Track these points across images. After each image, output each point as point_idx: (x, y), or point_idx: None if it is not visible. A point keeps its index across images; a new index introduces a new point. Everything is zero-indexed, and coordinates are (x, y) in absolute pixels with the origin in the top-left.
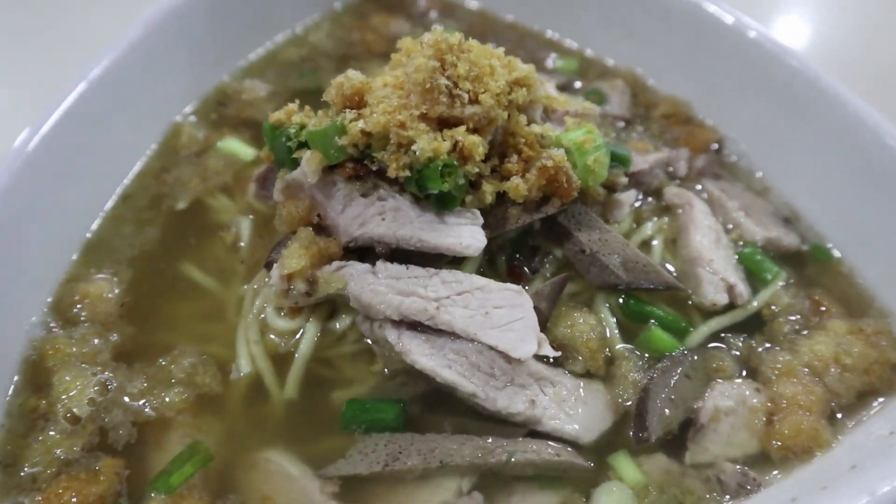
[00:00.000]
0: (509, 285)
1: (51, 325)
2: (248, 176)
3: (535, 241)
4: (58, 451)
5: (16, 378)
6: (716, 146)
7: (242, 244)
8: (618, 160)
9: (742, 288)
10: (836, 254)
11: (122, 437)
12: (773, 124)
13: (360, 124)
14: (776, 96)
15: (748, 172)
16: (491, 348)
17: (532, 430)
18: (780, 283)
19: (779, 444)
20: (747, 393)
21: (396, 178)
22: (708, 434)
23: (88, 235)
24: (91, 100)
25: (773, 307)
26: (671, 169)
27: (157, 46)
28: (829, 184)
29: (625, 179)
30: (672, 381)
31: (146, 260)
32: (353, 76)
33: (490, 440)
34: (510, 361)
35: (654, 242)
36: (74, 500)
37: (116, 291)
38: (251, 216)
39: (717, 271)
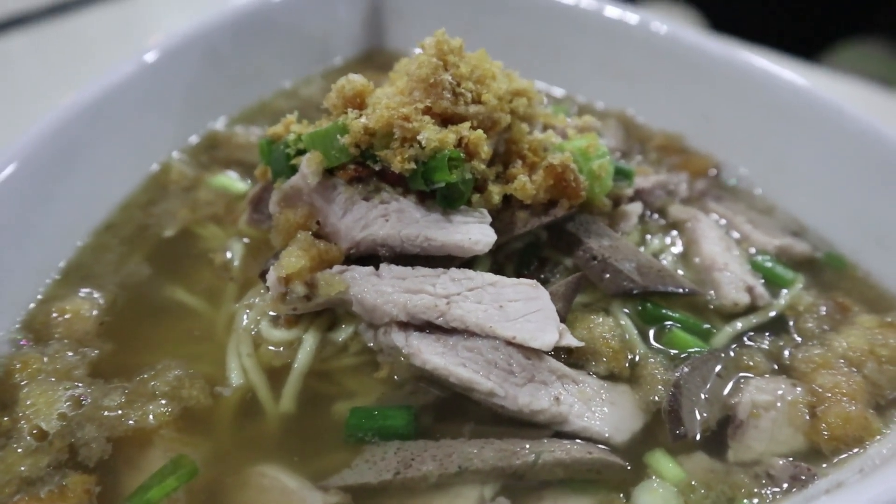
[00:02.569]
0: (523, 280)
1: (20, 341)
2: (241, 207)
3: (543, 253)
4: (20, 469)
5: None
6: (714, 171)
7: (235, 263)
8: (622, 174)
9: (761, 289)
10: (850, 259)
11: (95, 452)
12: (769, 143)
13: (363, 120)
14: (769, 115)
15: (749, 194)
16: (508, 344)
17: (557, 433)
18: (799, 286)
19: (828, 434)
20: (784, 387)
21: (400, 176)
22: (749, 431)
23: (68, 260)
24: (76, 128)
25: (796, 308)
26: (672, 188)
27: (150, 86)
28: (832, 191)
29: (630, 191)
30: (703, 379)
31: (129, 283)
32: (355, 78)
33: (513, 442)
34: (529, 357)
35: (665, 256)
36: None
37: (96, 312)
38: (245, 240)
39: (734, 272)
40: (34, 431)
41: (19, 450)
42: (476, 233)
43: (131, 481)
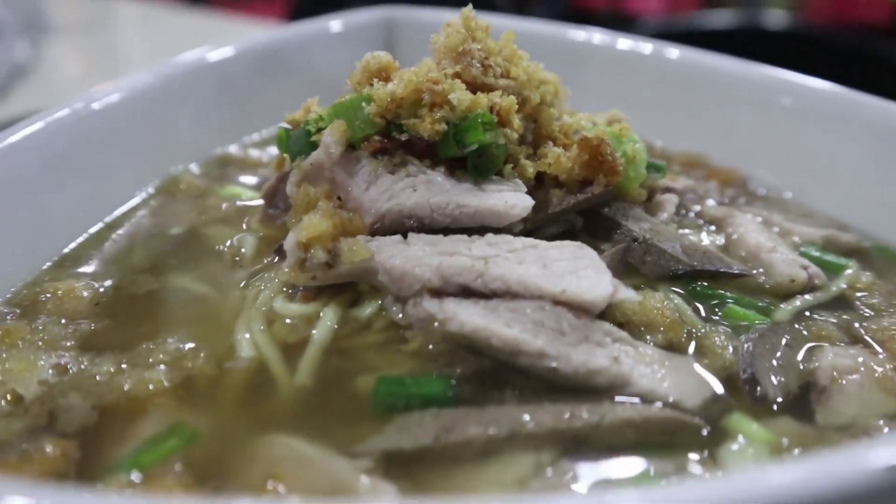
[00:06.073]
0: (567, 241)
1: (7, 314)
2: (252, 211)
3: (579, 240)
4: None
5: None
6: (741, 183)
7: (244, 251)
8: (653, 167)
9: (816, 269)
10: None
11: (77, 419)
12: (794, 149)
13: (390, 87)
14: (790, 121)
15: (781, 200)
16: (556, 303)
17: (618, 398)
18: (853, 270)
19: None
20: (864, 354)
21: (428, 148)
22: (834, 395)
23: (65, 250)
24: (89, 125)
25: (856, 286)
26: (702, 193)
27: (165, 100)
28: (867, 186)
29: (664, 182)
30: (772, 347)
31: (130, 270)
32: (380, 54)
33: (570, 406)
34: (580, 317)
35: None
36: None
37: (90, 293)
38: (259, 234)
39: (785, 253)
40: (8, 396)
41: None
42: (512, 198)
43: (119, 452)
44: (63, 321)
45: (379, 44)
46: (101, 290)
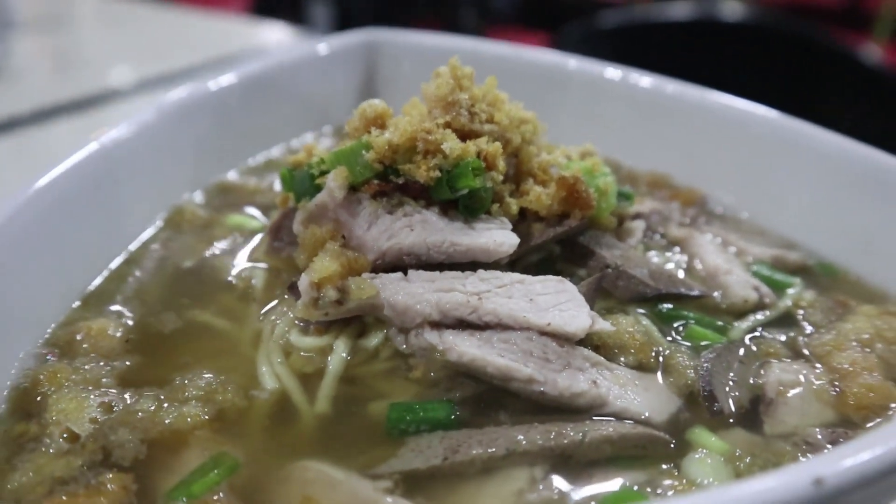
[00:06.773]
0: (549, 276)
1: (47, 356)
2: (259, 241)
3: (557, 266)
4: (52, 469)
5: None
6: (702, 202)
7: (256, 284)
8: (622, 195)
9: (766, 289)
10: (841, 267)
11: (130, 452)
12: (750, 172)
13: (387, 135)
14: (747, 147)
15: (737, 219)
16: (542, 334)
17: (597, 416)
18: (798, 288)
19: (854, 402)
20: (806, 368)
21: (422, 190)
22: (779, 407)
23: (90, 288)
24: (102, 166)
25: (800, 304)
26: (667, 214)
27: (166, 134)
28: (815, 209)
29: (632, 210)
30: (728, 364)
31: (152, 307)
32: (376, 102)
33: (556, 425)
34: (563, 346)
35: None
36: None
37: (121, 331)
38: (264, 264)
39: (739, 275)
40: (65, 435)
41: (51, 451)
42: (500, 236)
43: (168, 481)
44: (100, 360)
45: (362, 65)
46: (130, 325)
